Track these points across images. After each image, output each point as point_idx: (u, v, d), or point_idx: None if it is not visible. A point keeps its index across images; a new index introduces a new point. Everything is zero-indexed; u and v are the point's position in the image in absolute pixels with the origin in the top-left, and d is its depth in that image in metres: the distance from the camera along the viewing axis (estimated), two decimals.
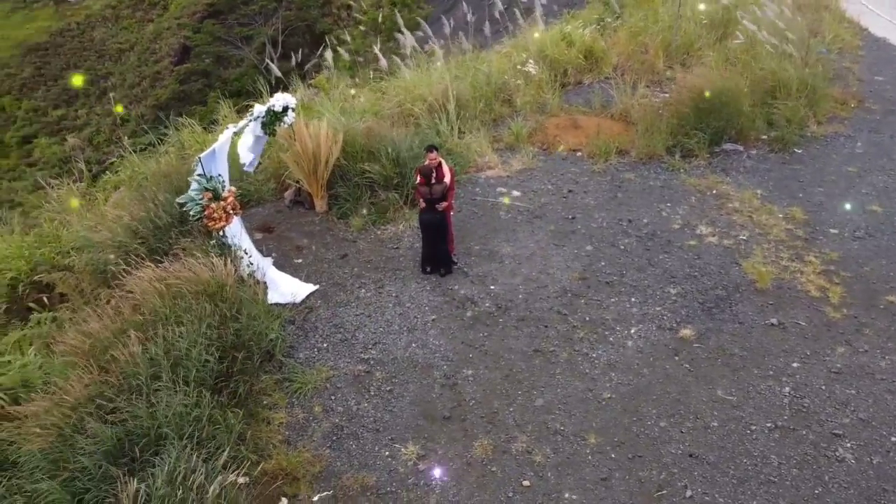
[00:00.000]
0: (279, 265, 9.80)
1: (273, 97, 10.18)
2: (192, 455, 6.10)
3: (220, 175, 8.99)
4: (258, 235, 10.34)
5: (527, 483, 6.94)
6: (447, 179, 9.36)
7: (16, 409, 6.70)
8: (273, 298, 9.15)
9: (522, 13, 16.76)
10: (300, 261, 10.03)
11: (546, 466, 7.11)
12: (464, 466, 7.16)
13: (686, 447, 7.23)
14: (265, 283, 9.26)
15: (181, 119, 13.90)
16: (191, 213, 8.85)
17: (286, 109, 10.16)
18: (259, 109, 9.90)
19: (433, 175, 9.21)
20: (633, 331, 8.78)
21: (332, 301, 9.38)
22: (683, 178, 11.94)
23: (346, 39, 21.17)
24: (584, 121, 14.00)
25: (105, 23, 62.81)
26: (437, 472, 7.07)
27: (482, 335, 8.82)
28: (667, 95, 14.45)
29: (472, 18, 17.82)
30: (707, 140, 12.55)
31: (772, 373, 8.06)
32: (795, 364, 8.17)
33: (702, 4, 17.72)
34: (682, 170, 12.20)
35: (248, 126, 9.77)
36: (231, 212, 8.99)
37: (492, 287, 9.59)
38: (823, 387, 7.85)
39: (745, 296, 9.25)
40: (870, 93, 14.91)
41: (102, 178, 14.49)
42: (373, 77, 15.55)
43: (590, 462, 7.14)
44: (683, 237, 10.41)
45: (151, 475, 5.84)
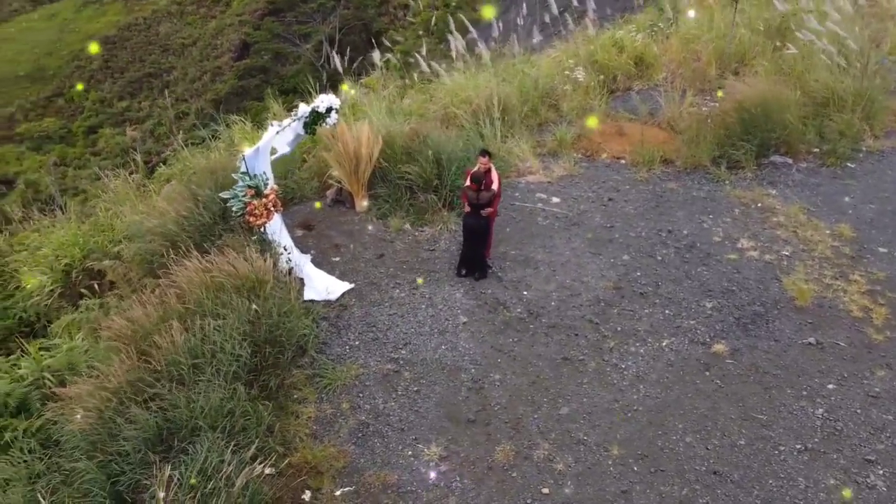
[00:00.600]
0: (317, 262, 10.01)
1: (318, 97, 10.39)
2: (224, 447, 6.31)
3: (264, 173, 9.24)
4: (299, 232, 10.57)
5: (546, 491, 6.96)
6: (495, 186, 9.43)
7: (61, 391, 7.04)
8: (309, 295, 9.37)
9: (574, 18, 16.67)
10: (337, 259, 10.23)
11: (567, 475, 7.12)
12: (485, 470, 7.23)
13: (711, 464, 7.15)
14: (302, 280, 9.49)
15: (233, 116, 14.31)
16: (233, 209, 9.12)
17: (330, 110, 10.37)
18: (304, 109, 10.13)
19: (483, 181, 9.27)
20: (665, 343, 8.70)
21: (367, 300, 9.54)
22: (728, 190, 11.74)
23: (399, 40, 21.40)
24: (630, 128, 13.86)
25: (170, 18, 64.71)
26: (459, 475, 7.15)
27: (512, 340, 8.86)
28: (716, 105, 14.20)
29: (524, 22, 17.86)
30: (754, 151, 12.30)
31: (805, 393, 7.90)
32: (831, 385, 7.98)
33: (758, 11, 17.38)
34: (728, 181, 11.99)
35: (292, 125, 10.00)
36: (272, 209, 9.24)
37: (525, 293, 9.62)
38: (859, 410, 7.65)
39: (784, 313, 9.06)
40: None
41: (157, 171, 15.02)
42: (419, 79, 15.68)
43: (611, 473, 7.12)
44: (723, 250, 10.25)
45: (184, 463, 6.08)
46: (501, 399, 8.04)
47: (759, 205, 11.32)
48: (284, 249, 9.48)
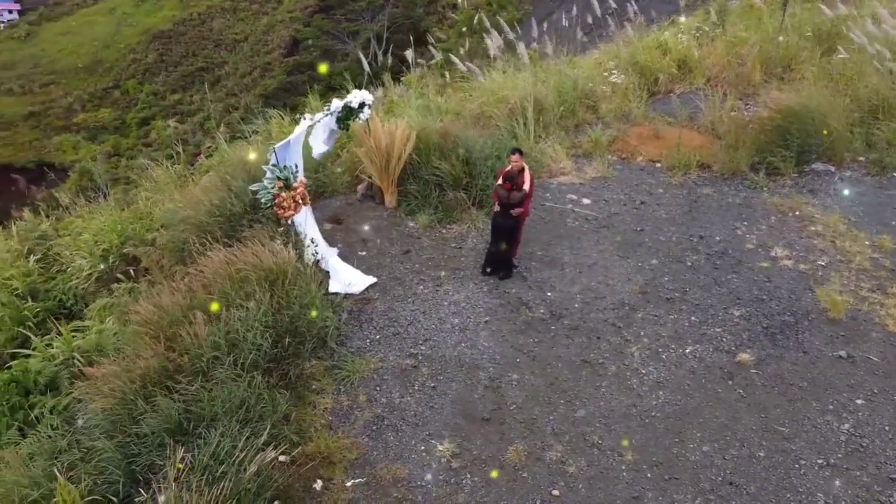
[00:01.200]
0: (343, 256, 10.11)
1: (351, 93, 10.50)
2: (237, 433, 6.44)
3: (294, 165, 9.37)
4: (328, 226, 10.69)
5: (556, 493, 6.91)
6: (527, 186, 9.38)
7: (88, 371, 7.27)
8: (333, 287, 9.47)
9: (616, 20, 16.50)
10: (364, 253, 10.32)
11: (578, 478, 7.05)
12: (496, 470, 7.20)
13: (727, 475, 7.00)
14: (327, 272, 9.60)
15: (273, 110, 14.56)
16: (262, 201, 9.28)
17: (362, 106, 10.46)
18: (336, 104, 10.25)
19: (515, 181, 9.25)
20: (689, 350, 8.55)
21: (390, 295, 9.60)
22: (765, 197, 11.47)
23: (442, 38, 21.46)
24: (668, 131, 13.65)
25: (224, 14, 66.08)
26: (469, 473, 7.15)
27: (532, 341, 8.81)
28: (758, 110, 13.88)
29: (568, 23, 17.73)
30: (795, 158, 11.99)
31: (832, 407, 7.67)
32: (860, 401, 7.73)
33: (809, 15, 16.93)
34: (766, 188, 11.72)
35: (324, 120, 10.12)
36: (300, 202, 9.37)
37: (549, 294, 9.56)
38: (887, 427, 7.39)
39: (815, 324, 8.82)
40: None
41: (198, 163, 15.38)
42: (458, 78, 15.71)
43: (623, 479, 7.03)
44: (756, 258, 10.02)
45: (197, 447, 6.21)
46: (518, 399, 8.01)
47: (797, 213, 11.03)
48: (312, 242, 9.60)
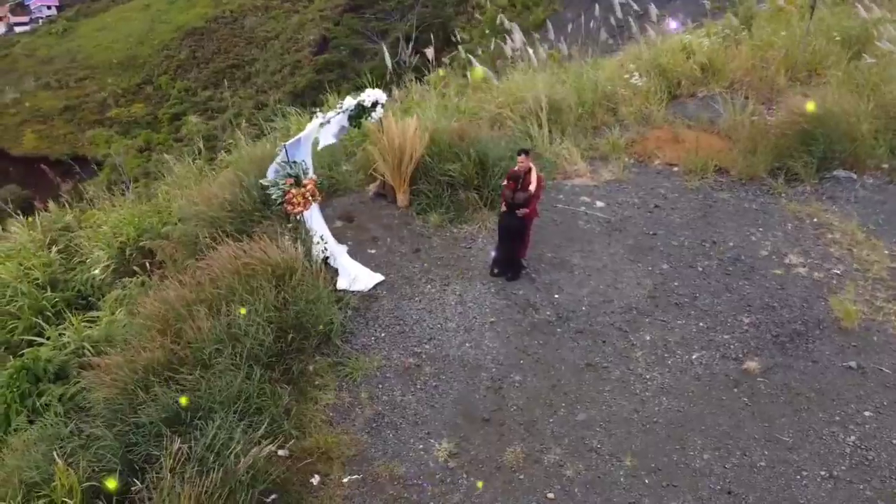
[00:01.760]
0: (353, 254, 10.15)
1: (365, 92, 10.55)
2: (234, 425, 6.52)
3: (304, 162, 9.45)
4: (339, 223, 10.76)
5: (551, 496, 6.88)
6: (532, 187, 9.34)
7: (94, 361, 7.41)
8: (341, 285, 9.52)
9: (637, 23, 16.37)
10: (373, 251, 10.36)
11: (575, 482, 7.02)
12: (493, 470, 7.20)
13: (726, 483, 6.91)
14: (336, 269, 9.66)
15: (291, 108, 14.69)
16: (273, 197, 9.37)
17: (375, 105, 10.50)
18: (349, 102, 10.30)
19: (521, 181, 9.24)
20: (695, 357, 8.45)
21: (398, 293, 9.63)
22: (783, 203, 11.29)
23: (466, 38, 21.47)
24: (687, 135, 13.49)
25: (256, 11, 66.79)
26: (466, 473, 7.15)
27: (537, 343, 8.78)
28: (781, 114, 13.66)
29: (596, 25, 17.63)
30: (815, 164, 11.77)
31: (838, 419, 7.52)
32: (868, 413, 7.57)
33: (838, 20, 16.62)
34: (784, 194, 11.53)
35: (336, 117, 10.18)
36: (310, 198, 9.44)
37: (556, 296, 9.51)
38: (895, 441, 7.23)
39: (826, 334, 8.66)
40: None
41: (218, 158, 15.57)
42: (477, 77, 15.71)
43: (621, 484, 6.98)
44: (769, 265, 9.86)
45: (194, 438, 6.31)
46: (519, 400, 7.98)
47: (815, 220, 10.84)
48: (321, 239, 9.67)
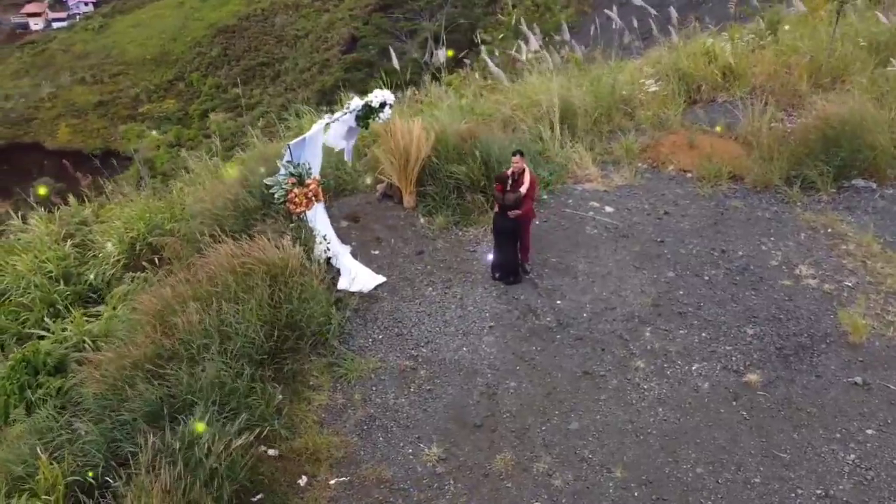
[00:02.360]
0: (356, 254, 10.15)
1: (373, 92, 10.54)
2: (216, 421, 6.54)
3: (307, 162, 9.46)
4: (344, 223, 10.76)
5: None
6: (523, 189, 9.27)
7: (86, 357, 7.50)
8: (342, 285, 9.52)
9: (657, 26, 16.16)
10: (377, 252, 10.35)
11: (563, 492, 6.92)
12: (480, 477, 7.13)
13: (718, 498, 6.76)
14: (338, 270, 9.66)
15: (304, 106, 14.76)
16: (275, 196, 9.41)
17: (383, 106, 10.49)
18: (356, 103, 10.31)
19: (508, 182, 9.20)
20: (695, 367, 8.29)
21: (398, 295, 9.60)
22: (798, 213, 11.03)
23: (487, 40, 21.41)
24: (702, 141, 13.25)
25: (286, 10, 67.35)
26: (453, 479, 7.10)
27: (535, 349, 8.69)
28: (801, 121, 13.37)
29: (618, 26, 17.45)
30: (832, 173, 11.48)
31: (839, 436, 7.32)
32: (870, 431, 7.36)
33: (867, 25, 16.23)
34: (799, 203, 11.26)
35: (343, 118, 10.19)
36: (312, 198, 9.45)
37: (558, 302, 9.41)
38: None
39: (833, 348, 8.43)
40: None
41: (235, 156, 15.69)
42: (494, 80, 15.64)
43: (609, 496, 6.87)
44: (778, 275, 9.64)
45: (173, 431, 6.34)
46: (512, 407, 7.90)
47: (830, 230, 10.58)
48: (324, 239, 9.68)
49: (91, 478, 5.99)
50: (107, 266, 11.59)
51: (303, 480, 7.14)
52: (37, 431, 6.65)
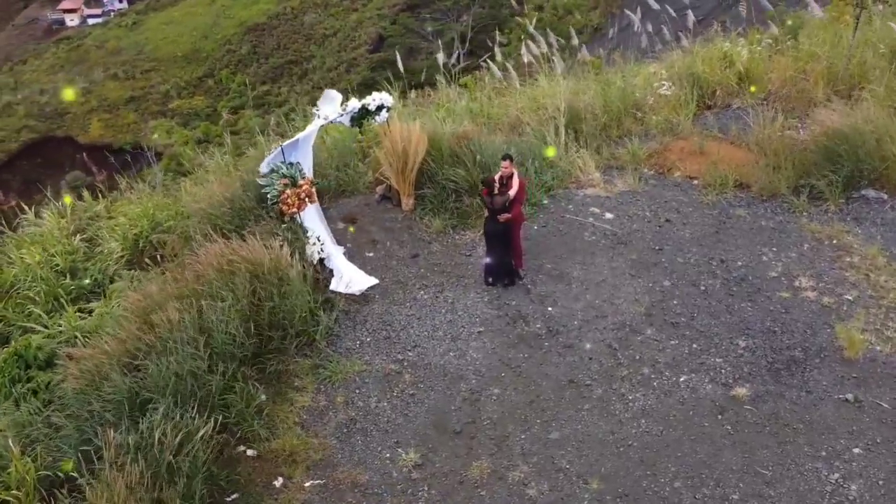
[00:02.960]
0: (351, 256, 10.16)
1: (371, 95, 10.56)
2: (179, 415, 6.61)
3: (300, 163, 9.51)
4: (341, 225, 10.79)
5: None
6: (511, 192, 9.22)
7: (67, 352, 7.63)
8: (334, 286, 9.55)
9: (671, 30, 15.95)
10: (371, 254, 10.35)
11: (536, 502, 6.86)
12: (455, 485, 7.10)
13: None
14: (331, 271, 9.69)
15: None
16: (268, 197, 9.47)
17: (381, 108, 10.50)
18: (353, 104, 10.33)
19: (495, 186, 9.16)
20: (683, 379, 8.16)
21: (390, 298, 9.60)
22: (803, 223, 10.79)
23: (503, 42, 21.31)
24: (712, 147, 13.04)
25: (316, 9, 67.81)
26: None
27: (522, 355, 8.63)
28: (812, 129, 13.09)
29: (638, 29, 17.27)
30: (840, 183, 11.22)
31: (824, 454, 7.15)
32: (857, 450, 7.17)
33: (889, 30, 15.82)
34: (806, 213, 11.02)
35: (339, 119, 10.22)
36: (305, 199, 9.49)
37: (549, 308, 9.33)
38: (882, 482, 6.83)
39: (826, 363, 8.24)
40: None
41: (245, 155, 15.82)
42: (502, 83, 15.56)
43: None
44: (777, 287, 9.45)
45: (136, 425, 6.42)
46: (494, 414, 7.86)
47: (835, 242, 10.34)
48: (318, 240, 9.71)
49: (62, 472, 6.07)
50: (109, 262, 11.76)
51: (279, 482, 7.17)
52: (17, 425, 6.79)
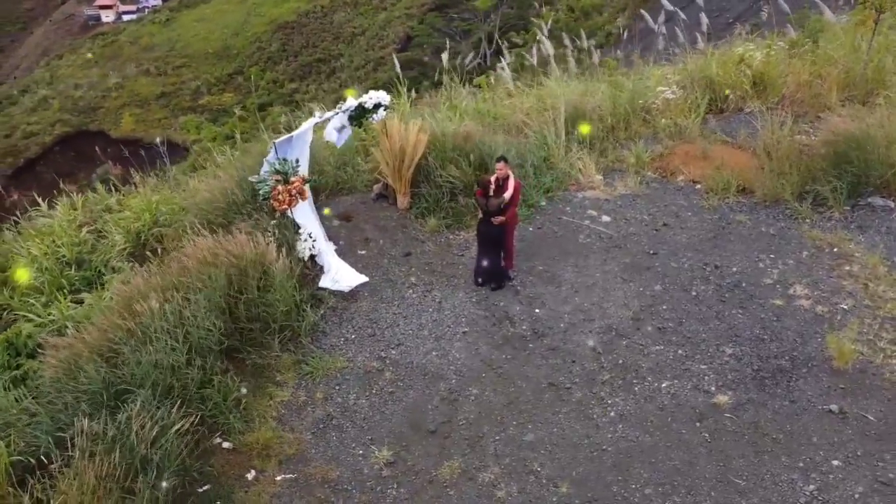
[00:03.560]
0: (343, 254, 10.20)
1: (368, 93, 10.59)
2: (158, 407, 6.70)
3: (295, 160, 9.58)
4: (336, 222, 10.84)
5: None
6: (507, 195, 9.19)
7: (49, 340, 7.78)
8: (324, 283, 9.60)
9: (683, 31, 15.74)
10: (363, 252, 10.39)
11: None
12: (424, 484, 7.09)
13: None
14: (322, 267, 9.75)
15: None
16: (260, 193, 9.56)
17: (378, 107, 10.53)
18: (350, 103, 10.37)
19: (490, 188, 9.14)
20: (664, 385, 8.05)
21: (378, 296, 9.63)
22: (805, 230, 10.58)
23: (518, 42, 21.28)
24: (717, 151, 12.86)
25: (345, 7, 68.25)
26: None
27: (505, 357, 8.59)
28: (821, 134, 12.82)
29: (658, 31, 17.10)
30: (845, 190, 10.97)
31: (802, 465, 7.00)
32: (836, 462, 7.01)
33: None
34: (808, 219, 10.80)
35: (336, 116, 10.28)
36: (297, 196, 9.55)
37: (537, 310, 9.28)
38: (857, 495, 6.66)
39: (813, 373, 8.07)
40: None
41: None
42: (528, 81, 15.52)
43: None
44: (770, 294, 9.28)
45: (110, 416, 6.52)
46: (470, 415, 7.84)
47: (835, 249, 10.12)
48: (309, 236, 9.77)
49: (34, 458, 6.20)
50: (112, 254, 11.98)
51: (251, 474, 7.24)
52: None
